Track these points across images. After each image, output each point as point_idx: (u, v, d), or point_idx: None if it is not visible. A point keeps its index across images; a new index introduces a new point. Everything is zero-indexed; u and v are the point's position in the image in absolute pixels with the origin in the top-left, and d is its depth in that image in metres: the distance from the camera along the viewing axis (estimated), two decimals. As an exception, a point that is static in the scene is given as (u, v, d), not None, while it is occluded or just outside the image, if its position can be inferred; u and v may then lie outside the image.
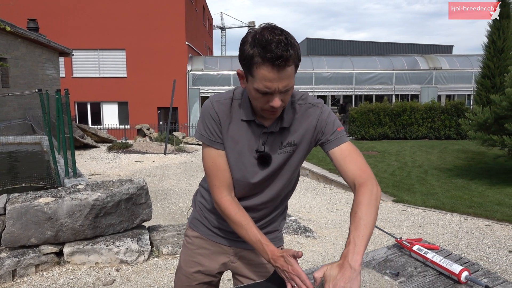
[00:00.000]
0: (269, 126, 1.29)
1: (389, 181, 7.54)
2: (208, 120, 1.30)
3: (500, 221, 5.18)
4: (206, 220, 1.51)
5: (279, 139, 1.31)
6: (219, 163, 1.31)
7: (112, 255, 3.50)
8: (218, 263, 1.51)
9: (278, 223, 1.53)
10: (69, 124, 5.57)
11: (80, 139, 11.91)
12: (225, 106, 1.30)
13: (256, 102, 1.20)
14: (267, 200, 1.41)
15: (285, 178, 1.40)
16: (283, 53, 1.08)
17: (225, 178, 1.32)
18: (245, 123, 1.30)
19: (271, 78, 1.11)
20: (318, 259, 3.81)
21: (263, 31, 1.10)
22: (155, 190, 6.98)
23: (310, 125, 1.33)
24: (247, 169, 1.33)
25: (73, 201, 3.40)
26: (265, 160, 1.30)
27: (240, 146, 1.31)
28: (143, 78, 19.81)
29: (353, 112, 15.02)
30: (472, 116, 7.77)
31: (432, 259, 1.37)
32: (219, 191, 1.32)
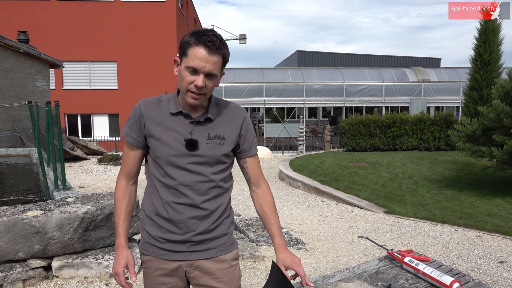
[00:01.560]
0: (196, 117, 1.46)
1: (380, 193, 7.57)
2: (131, 118, 1.50)
3: (490, 232, 5.22)
4: (154, 239, 1.51)
5: (206, 130, 1.47)
6: (127, 154, 1.54)
7: (101, 269, 3.45)
8: (180, 278, 1.53)
9: (226, 226, 1.55)
10: (59, 136, 5.52)
11: (70, 151, 11.79)
12: (152, 104, 1.50)
13: (183, 83, 1.39)
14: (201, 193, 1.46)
15: (216, 170, 1.48)
16: (215, 40, 1.35)
17: (128, 167, 1.55)
18: (174, 116, 1.46)
19: (201, 56, 1.34)
20: (310, 272, 3.79)
21: (204, 29, 1.40)
22: (146, 202, 6.90)
23: (236, 123, 1.52)
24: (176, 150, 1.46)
25: (62, 214, 3.35)
26: (192, 143, 1.43)
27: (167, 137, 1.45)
28: (134, 90, 19.77)
29: (343, 124, 15.11)
30: (461, 127, 7.87)
31: (424, 270, 1.37)
32: (120, 175, 1.57)
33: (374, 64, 34.77)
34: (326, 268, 3.96)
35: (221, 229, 1.52)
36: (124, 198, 1.55)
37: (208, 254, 1.50)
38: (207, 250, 1.50)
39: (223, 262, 1.52)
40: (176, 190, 1.44)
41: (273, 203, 1.60)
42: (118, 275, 1.47)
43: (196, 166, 1.45)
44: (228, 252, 1.54)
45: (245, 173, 1.60)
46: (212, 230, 1.49)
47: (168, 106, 1.48)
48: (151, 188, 1.52)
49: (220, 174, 1.50)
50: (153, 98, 1.52)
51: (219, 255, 1.51)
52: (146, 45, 19.61)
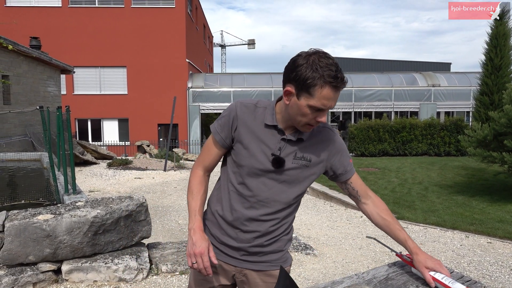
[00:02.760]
0: (289, 134, 1.41)
1: (389, 198, 7.51)
2: (225, 117, 1.45)
3: (502, 238, 5.14)
4: (212, 237, 1.53)
5: (295, 149, 1.41)
6: (210, 149, 1.50)
7: (110, 273, 3.47)
8: (227, 279, 1.54)
9: (283, 243, 1.54)
10: (69, 141, 5.58)
11: (80, 155, 11.91)
12: (248, 108, 1.44)
13: (303, 118, 1.32)
14: (271, 211, 1.45)
15: (292, 191, 1.45)
16: (343, 76, 1.26)
17: (207, 161, 1.52)
18: (267, 128, 1.41)
19: (330, 97, 1.27)
20: (319, 277, 3.77)
21: (319, 56, 1.27)
22: (155, 207, 6.95)
23: (326, 147, 1.47)
24: (261, 164, 1.43)
25: (72, 218, 3.38)
26: (279, 161, 1.39)
27: (255, 148, 1.40)
28: (143, 95, 19.94)
29: (352, 129, 15.06)
30: (472, 132, 7.79)
31: (434, 276, 1.35)
32: (198, 165, 1.55)
33: (383, 69, 34.64)
34: (335, 273, 3.93)
35: (277, 245, 1.52)
36: (201, 186, 1.52)
37: (258, 266, 1.50)
38: (259, 262, 1.50)
39: (271, 277, 1.51)
40: (248, 201, 1.43)
41: (389, 209, 1.58)
42: (203, 254, 1.34)
43: (275, 183, 1.43)
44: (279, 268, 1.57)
45: (350, 190, 1.56)
46: (269, 245, 1.49)
47: (264, 115, 1.42)
48: (223, 190, 1.51)
49: (296, 197, 1.49)
50: (250, 102, 1.46)
51: (269, 270, 1.51)
52: (155, 50, 19.78)
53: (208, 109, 19.89)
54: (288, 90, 1.32)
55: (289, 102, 1.33)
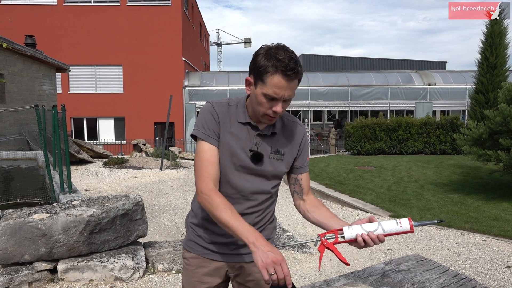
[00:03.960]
0: (263, 129, 1.45)
1: (385, 196, 7.53)
2: (207, 117, 1.43)
3: (497, 236, 5.17)
4: (200, 238, 1.55)
5: (269, 143, 1.46)
6: (210, 156, 1.40)
7: (106, 272, 3.46)
8: (220, 277, 1.56)
9: (269, 231, 1.58)
10: (65, 140, 5.56)
11: (76, 154, 11.86)
12: (223, 108, 1.45)
13: (260, 107, 1.35)
14: (254, 204, 1.48)
15: (270, 183, 1.50)
16: (295, 66, 1.28)
17: (213, 172, 1.40)
18: (241, 125, 1.44)
19: (281, 86, 1.29)
20: (315, 275, 3.78)
21: (277, 48, 1.31)
22: (151, 205, 6.93)
23: (295, 141, 1.52)
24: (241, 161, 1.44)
25: (68, 217, 3.37)
26: (258, 157, 1.42)
27: (235, 146, 1.42)
28: (139, 93, 19.88)
29: (348, 127, 15.08)
30: (467, 131, 7.82)
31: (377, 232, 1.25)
32: (206, 181, 1.37)
33: (380, 67, 34.71)
34: (331, 272, 3.94)
35: (264, 233, 1.55)
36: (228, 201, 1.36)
37: (250, 257, 1.51)
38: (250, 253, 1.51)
39: None
40: (232, 198, 1.44)
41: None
42: (282, 261, 1.20)
43: (254, 178, 1.46)
44: None
45: (297, 186, 1.57)
46: None
47: (236, 113, 1.45)
48: None
49: (275, 187, 1.54)
50: (222, 101, 1.48)
51: None
52: (151, 49, 19.72)
53: (205, 108, 19.84)
54: (248, 80, 1.38)
55: (250, 92, 1.39)
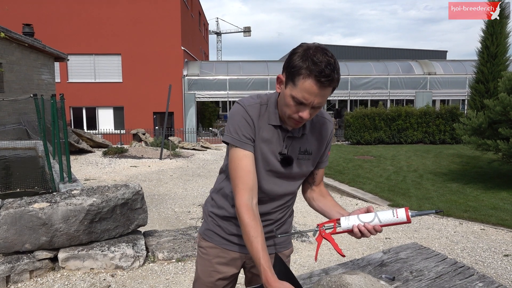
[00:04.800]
0: (293, 130, 1.38)
1: (384, 186, 7.55)
2: (240, 122, 1.33)
3: (495, 225, 5.20)
4: (220, 228, 1.52)
5: (298, 144, 1.41)
6: (245, 164, 1.31)
7: (107, 260, 3.48)
8: (237, 267, 1.55)
9: (288, 225, 1.59)
10: (64, 129, 5.55)
11: (75, 144, 11.86)
12: (256, 109, 1.36)
13: (286, 109, 1.28)
14: (281, 203, 1.48)
15: (297, 183, 1.49)
16: (331, 73, 1.18)
17: (249, 181, 1.31)
18: (272, 127, 1.36)
19: (312, 91, 1.19)
20: (314, 264, 3.81)
21: (316, 50, 1.20)
22: (151, 195, 6.95)
23: (323, 139, 1.46)
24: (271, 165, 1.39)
25: (68, 207, 3.38)
26: (288, 161, 1.38)
27: (266, 150, 1.37)
28: (138, 83, 19.79)
29: (348, 117, 15.07)
30: (467, 120, 7.82)
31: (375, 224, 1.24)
32: (241, 194, 1.30)
33: (380, 57, 34.52)
34: (330, 260, 3.97)
35: (284, 227, 1.56)
36: (256, 223, 1.27)
37: (269, 250, 1.49)
38: (269, 246, 1.50)
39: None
40: (259, 200, 1.41)
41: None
42: None
43: (283, 181, 1.44)
44: (287, 249, 1.60)
45: (310, 177, 1.54)
46: (277, 229, 1.53)
47: (267, 114, 1.36)
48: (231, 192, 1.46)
49: (300, 185, 1.53)
50: (254, 102, 1.37)
51: (279, 252, 1.54)
52: (150, 38, 19.58)
53: (204, 97, 19.80)
54: (279, 77, 1.30)
55: (280, 91, 1.31)
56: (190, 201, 6.62)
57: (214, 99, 21.05)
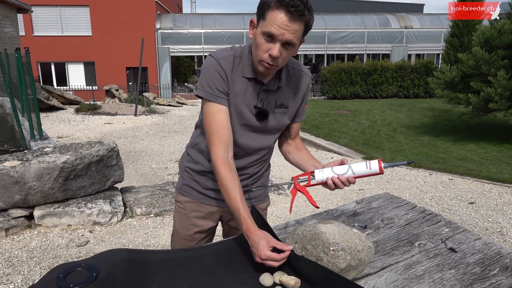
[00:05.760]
0: (268, 83, 1.34)
1: (359, 139, 7.71)
2: (213, 76, 1.29)
3: (463, 175, 5.44)
4: (197, 183, 1.52)
5: (274, 97, 1.37)
6: (220, 119, 1.29)
7: (84, 217, 3.48)
8: (214, 221, 1.57)
9: (264, 179, 1.60)
10: (31, 85, 5.33)
11: (45, 101, 11.46)
12: (229, 62, 1.31)
13: (257, 51, 1.22)
14: (257, 158, 1.47)
15: (273, 137, 1.48)
16: (300, 4, 1.14)
17: (224, 135, 1.30)
18: (246, 79, 1.32)
19: (281, 22, 1.15)
20: (290, 216, 3.92)
21: None
22: (127, 152, 6.88)
23: (300, 92, 1.43)
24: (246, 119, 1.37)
25: (41, 164, 3.31)
26: (263, 115, 1.36)
27: (241, 104, 1.34)
28: (109, 36, 18.96)
29: (325, 72, 15.02)
30: (440, 74, 7.93)
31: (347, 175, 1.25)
32: (216, 148, 1.29)
33: (357, 10, 34.01)
34: (306, 211, 4.09)
35: (261, 181, 1.56)
36: (233, 175, 1.26)
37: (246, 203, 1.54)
38: (246, 200, 1.49)
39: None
40: (235, 155, 1.39)
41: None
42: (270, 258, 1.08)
43: (258, 135, 1.42)
44: (263, 202, 1.62)
45: (286, 131, 1.53)
46: (254, 183, 1.53)
47: (241, 67, 1.32)
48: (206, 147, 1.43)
49: (276, 139, 1.51)
50: (227, 54, 1.32)
51: (255, 205, 1.55)
52: (119, -12, 18.58)
53: (178, 52, 19.24)
54: (252, 21, 1.26)
55: (253, 36, 1.26)
56: (167, 157, 6.60)
57: (189, 54, 20.49)
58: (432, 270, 1.13)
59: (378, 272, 1.13)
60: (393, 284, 1.07)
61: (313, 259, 1.05)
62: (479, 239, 1.33)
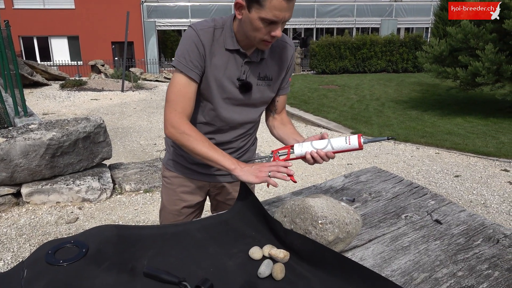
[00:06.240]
0: (251, 55, 1.31)
1: (348, 114, 7.73)
2: (190, 48, 1.26)
3: (449, 149, 5.52)
4: (183, 158, 1.51)
5: (257, 69, 1.35)
6: (187, 91, 1.28)
7: (73, 194, 3.47)
8: (201, 196, 1.58)
9: (251, 153, 1.60)
10: (14, 60, 5.18)
11: (29, 76, 11.19)
12: (209, 34, 1.28)
13: (257, 33, 1.19)
14: (242, 132, 1.46)
15: (258, 110, 1.45)
16: None
17: (188, 107, 1.29)
18: (228, 52, 1.29)
19: (282, 7, 1.13)
20: (280, 190, 3.96)
21: None
22: (114, 128, 6.81)
23: (284, 63, 1.41)
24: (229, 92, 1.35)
25: (27, 141, 3.26)
26: (247, 87, 1.33)
27: (221, 77, 1.31)
28: (93, 10, 18.41)
29: (314, 46, 14.89)
30: (429, 48, 7.92)
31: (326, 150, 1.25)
32: (180, 116, 1.27)
33: (347, -18, 33.48)
34: (295, 186, 4.13)
35: (247, 155, 1.56)
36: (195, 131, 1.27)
37: (233, 177, 1.52)
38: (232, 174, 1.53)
39: None
40: (220, 129, 1.39)
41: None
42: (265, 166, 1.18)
43: (243, 108, 1.39)
44: None
45: (271, 105, 1.51)
46: (240, 157, 1.52)
47: (223, 38, 1.28)
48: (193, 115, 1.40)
49: (261, 113, 1.49)
50: (207, 26, 1.28)
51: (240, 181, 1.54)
52: (102, -42, 17.93)
53: (165, 26, 18.82)
54: (238, 3, 1.19)
55: (242, 17, 1.22)
56: (155, 133, 6.55)
57: (175, 28, 20.05)
58: (417, 242, 1.16)
59: (365, 244, 1.15)
60: (380, 255, 1.09)
61: (301, 233, 1.07)
62: (463, 211, 1.36)
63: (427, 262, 1.06)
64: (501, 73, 6.68)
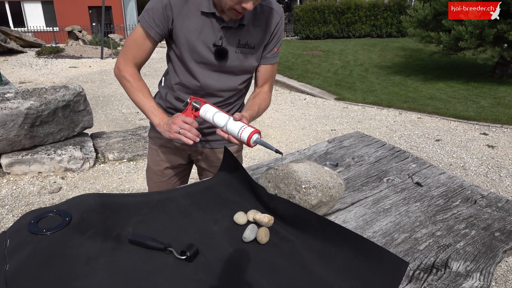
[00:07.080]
0: (228, 20, 1.25)
1: (332, 80, 7.71)
2: (156, 6, 1.23)
3: (431, 113, 5.60)
4: None
5: (237, 36, 1.28)
6: (142, 43, 1.30)
7: (55, 163, 3.42)
8: (183, 159, 1.58)
9: None
10: (-15, 26, 4.94)
11: (2, 43, 10.76)
12: None
13: (229, 0, 1.13)
14: (221, 99, 1.41)
15: (238, 78, 1.39)
16: None
17: (139, 57, 1.32)
18: (204, 15, 1.24)
19: None
20: (264, 157, 3.98)
21: None
22: (95, 97, 6.67)
23: (268, 31, 1.33)
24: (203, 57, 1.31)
25: (3, 111, 3.17)
26: (222, 53, 1.28)
27: (194, 40, 1.26)
28: (67, -28, 17.58)
29: (298, 10, 14.61)
30: (413, 12, 7.85)
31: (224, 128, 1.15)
32: (127, 62, 1.32)
33: None
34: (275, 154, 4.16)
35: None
36: (142, 82, 1.32)
37: (213, 144, 1.53)
38: (214, 141, 1.52)
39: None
40: (196, 93, 1.36)
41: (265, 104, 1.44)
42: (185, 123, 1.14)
43: (220, 75, 1.34)
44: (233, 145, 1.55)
45: (254, 77, 1.45)
46: None
47: (199, 1, 1.23)
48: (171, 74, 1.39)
49: (244, 82, 1.42)
50: None
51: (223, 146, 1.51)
52: None
53: (144, -11, 18.14)
54: None
55: None
56: (137, 101, 6.44)
57: (155, -9, 19.35)
58: (398, 204, 1.19)
59: (348, 207, 1.18)
60: (362, 217, 1.11)
61: (285, 197, 1.08)
62: (443, 174, 1.39)
63: (407, 223, 1.09)
64: (484, 37, 6.70)
